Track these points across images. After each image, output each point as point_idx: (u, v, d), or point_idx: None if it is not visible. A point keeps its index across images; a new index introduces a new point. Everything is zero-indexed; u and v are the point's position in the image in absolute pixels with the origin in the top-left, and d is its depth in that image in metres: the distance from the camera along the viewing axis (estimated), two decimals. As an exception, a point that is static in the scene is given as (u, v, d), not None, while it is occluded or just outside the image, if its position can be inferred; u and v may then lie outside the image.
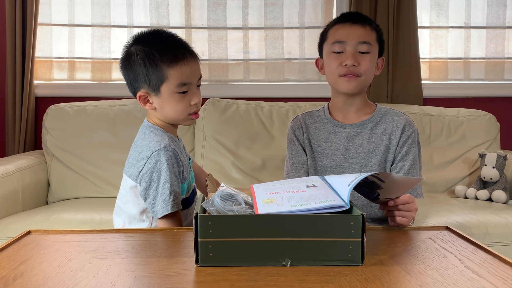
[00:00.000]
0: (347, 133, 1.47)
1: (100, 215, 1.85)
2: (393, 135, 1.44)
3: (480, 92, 2.73)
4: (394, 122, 1.46)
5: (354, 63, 1.39)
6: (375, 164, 1.43)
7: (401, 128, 1.44)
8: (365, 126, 1.46)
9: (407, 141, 1.43)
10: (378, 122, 1.47)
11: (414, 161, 1.43)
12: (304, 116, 1.56)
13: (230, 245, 0.84)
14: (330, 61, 1.43)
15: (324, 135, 1.49)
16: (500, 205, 2.10)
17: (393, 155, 1.44)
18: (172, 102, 1.24)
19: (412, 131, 1.45)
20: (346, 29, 1.42)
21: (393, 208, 1.09)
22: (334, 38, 1.43)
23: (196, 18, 2.67)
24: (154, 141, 1.23)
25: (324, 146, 1.48)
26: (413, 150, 1.44)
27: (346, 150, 1.46)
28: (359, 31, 1.41)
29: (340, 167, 1.45)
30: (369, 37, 1.41)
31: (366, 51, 1.41)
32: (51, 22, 2.62)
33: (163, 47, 1.22)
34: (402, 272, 0.82)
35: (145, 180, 1.22)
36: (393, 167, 1.44)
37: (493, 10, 2.73)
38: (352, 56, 1.39)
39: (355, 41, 1.40)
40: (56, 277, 0.80)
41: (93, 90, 2.62)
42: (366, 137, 1.45)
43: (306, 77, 2.71)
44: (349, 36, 1.40)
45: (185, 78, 1.23)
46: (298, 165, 1.49)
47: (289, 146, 1.53)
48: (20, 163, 2.13)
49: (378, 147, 1.44)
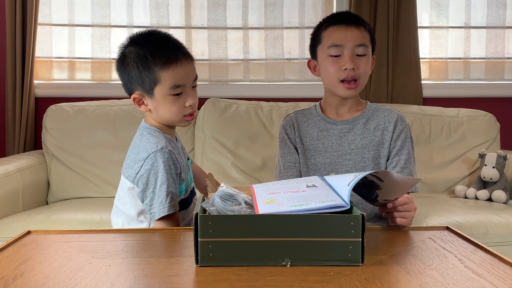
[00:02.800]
0: (339, 129, 1.47)
1: (100, 215, 1.85)
2: (386, 130, 1.45)
3: (480, 92, 2.73)
4: (386, 118, 1.46)
5: (353, 67, 1.39)
6: (369, 160, 1.43)
7: (393, 123, 1.45)
8: (357, 122, 1.47)
9: (400, 135, 1.44)
10: (370, 117, 1.47)
11: (409, 155, 1.44)
12: (296, 114, 1.56)
13: (230, 245, 0.84)
14: (327, 65, 1.43)
15: (316, 132, 1.49)
16: (500, 205, 2.10)
17: (387, 150, 1.45)
18: (166, 104, 1.23)
19: (405, 125, 1.46)
20: (342, 32, 1.41)
21: (392, 210, 1.09)
22: (330, 41, 1.42)
23: (196, 18, 2.67)
24: (151, 142, 1.23)
25: (317, 143, 1.48)
26: (407, 144, 1.45)
27: (339, 147, 1.46)
28: (355, 33, 1.40)
29: (333, 164, 1.45)
30: (365, 39, 1.42)
31: (363, 53, 1.41)
32: (51, 22, 2.62)
33: (156, 49, 1.21)
34: (402, 272, 0.82)
35: (142, 182, 1.22)
36: (388, 162, 1.44)
37: (493, 10, 2.73)
38: (351, 59, 1.39)
39: (352, 43, 1.40)
40: (56, 277, 0.80)
41: (93, 90, 2.62)
42: (358, 133, 1.46)
43: (306, 77, 2.71)
44: (346, 39, 1.40)
45: (179, 80, 1.22)
46: (290, 164, 1.48)
47: (281, 145, 1.53)
48: (20, 163, 2.13)
49: (371, 143, 1.45)
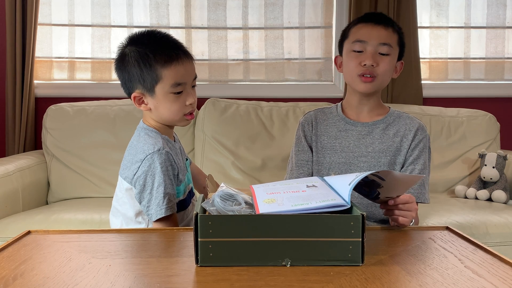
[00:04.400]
0: (358, 131, 1.47)
1: (100, 215, 1.85)
2: (405, 137, 1.44)
3: (480, 92, 2.73)
4: (407, 125, 1.46)
5: (373, 63, 1.38)
6: (384, 165, 1.43)
7: (413, 131, 1.44)
8: (377, 126, 1.46)
9: (418, 144, 1.43)
10: (390, 123, 1.47)
11: (424, 166, 1.42)
12: (316, 112, 1.55)
13: (230, 245, 0.83)
14: (349, 59, 1.43)
15: (335, 131, 1.49)
16: (500, 205, 2.10)
17: (403, 157, 1.44)
18: (167, 103, 1.23)
19: (424, 135, 1.45)
20: (368, 29, 1.41)
21: (393, 207, 1.09)
22: (355, 37, 1.42)
23: (196, 18, 2.67)
24: (148, 144, 1.23)
25: (334, 142, 1.47)
26: (424, 154, 1.43)
27: (356, 148, 1.45)
28: (381, 32, 1.40)
29: (348, 165, 1.44)
30: (391, 39, 1.41)
31: (386, 52, 1.40)
32: (51, 22, 2.63)
33: (157, 47, 1.22)
34: (402, 272, 0.82)
35: (139, 183, 1.21)
36: (403, 170, 1.43)
37: (493, 10, 2.73)
38: (372, 56, 1.39)
39: (376, 41, 1.39)
40: (56, 277, 0.80)
41: (93, 90, 2.63)
42: (377, 137, 1.45)
43: (306, 77, 2.71)
44: (371, 36, 1.40)
45: (180, 78, 1.22)
46: (303, 162, 1.48)
47: (296, 142, 1.52)
48: (20, 163, 2.13)
49: (389, 148, 1.44)
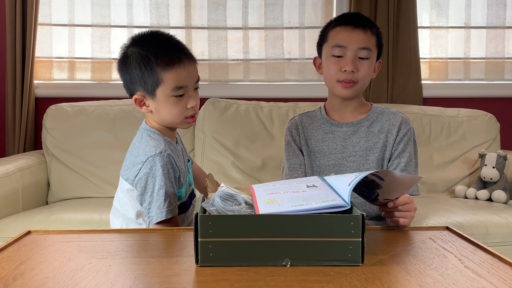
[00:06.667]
0: (344, 132, 1.48)
1: (100, 215, 1.85)
2: (390, 133, 1.46)
3: (480, 92, 2.73)
4: (391, 121, 1.48)
5: (353, 69, 1.40)
6: (373, 162, 1.45)
7: (397, 126, 1.46)
8: (361, 125, 1.48)
9: (403, 138, 1.45)
10: (374, 120, 1.49)
11: (409, 158, 1.45)
12: (301, 116, 1.57)
13: (230, 245, 0.83)
14: (329, 64, 1.44)
15: (321, 134, 1.50)
16: (500, 205, 2.10)
17: (389, 152, 1.46)
18: (168, 106, 1.22)
19: (408, 128, 1.47)
20: (347, 33, 1.42)
21: (392, 210, 1.09)
22: (334, 41, 1.43)
23: (196, 18, 2.67)
24: (150, 145, 1.22)
25: (322, 145, 1.49)
26: (409, 147, 1.45)
27: (343, 149, 1.47)
28: (360, 36, 1.41)
29: (338, 166, 1.46)
30: (369, 42, 1.42)
31: (366, 57, 1.42)
32: (51, 22, 2.62)
33: (159, 50, 1.20)
34: (402, 272, 0.82)
35: (140, 185, 1.21)
36: (389, 164, 1.46)
37: (493, 10, 2.73)
38: (352, 62, 1.40)
39: (355, 46, 1.40)
40: (56, 277, 0.80)
41: (93, 90, 2.62)
42: (363, 136, 1.47)
43: (306, 77, 2.71)
44: (350, 41, 1.41)
45: (181, 81, 1.21)
46: (295, 166, 1.49)
47: (286, 147, 1.54)
48: (20, 163, 2.13)
49: (375, 145, 1.46)
